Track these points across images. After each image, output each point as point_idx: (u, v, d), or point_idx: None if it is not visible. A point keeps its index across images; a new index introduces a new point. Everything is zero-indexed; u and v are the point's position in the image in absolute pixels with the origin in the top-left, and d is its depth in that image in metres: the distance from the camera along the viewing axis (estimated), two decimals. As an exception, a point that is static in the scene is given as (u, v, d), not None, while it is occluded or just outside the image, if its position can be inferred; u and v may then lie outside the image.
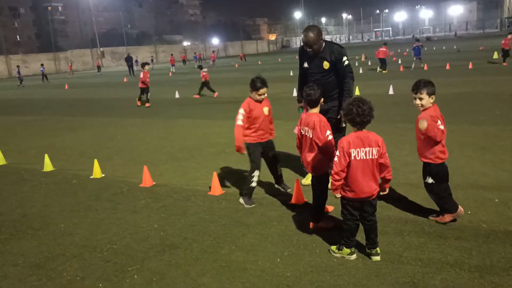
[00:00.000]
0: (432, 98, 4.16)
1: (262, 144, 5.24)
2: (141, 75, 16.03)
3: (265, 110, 5.21)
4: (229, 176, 6.49)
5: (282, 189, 5.61)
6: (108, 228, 4.87)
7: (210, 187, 5.88)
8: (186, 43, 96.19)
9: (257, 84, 5.08)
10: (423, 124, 4.08)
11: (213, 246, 4.21)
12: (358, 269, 3.59)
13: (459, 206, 4.25)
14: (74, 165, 7.93)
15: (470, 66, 20.30)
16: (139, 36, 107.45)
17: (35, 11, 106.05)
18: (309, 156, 4.32)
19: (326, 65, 5.26)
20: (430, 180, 4.27)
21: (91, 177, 6.98)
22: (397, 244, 3.94)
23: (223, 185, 5.96)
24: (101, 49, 73.54)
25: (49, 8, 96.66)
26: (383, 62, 22.60)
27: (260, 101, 5.16)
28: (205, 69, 18.06)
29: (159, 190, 6.09)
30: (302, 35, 5.21)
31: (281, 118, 11.08)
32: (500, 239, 3.91)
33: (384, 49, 22.88)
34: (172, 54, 49.89)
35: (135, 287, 3.58)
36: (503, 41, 21.15)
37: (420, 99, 4.15)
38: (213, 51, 59.12)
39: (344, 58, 5.21)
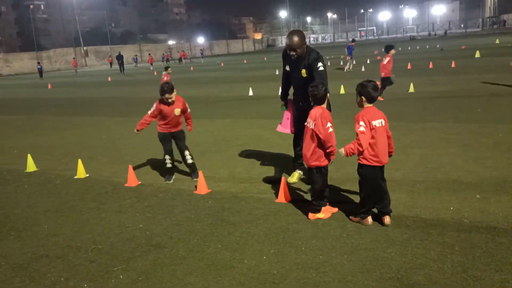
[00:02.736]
0: (362, 99, 4.28)
1: (172, 133, 6.30)
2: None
3: (176, 111, 6.15)
4: (214, 174, 6.48)
5: (192, 178, 6.36)
6: (92, 228, 4.82)
7: (195, 186, 5.86)
8: (171, 42, 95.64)
9: (159, 90, 6.07)
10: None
11: (199, 245, 4.20)
12: (343, 265, 3.62)
13: (369, 218, 4.32)
14: (57, 165, 7.83)
15: (453, 65, 20.60)
16: (123, 35, 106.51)
17: (16, 10, 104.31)
18: (308, 148, 4.50)
19: (303, 73, 5.35)
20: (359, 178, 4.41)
21: (75, 177, 6.90)
22: (381, 241, 3.99)
23: (208, 184, 5.95)
24: (85, 48, 72.72)
25: (31, 6, 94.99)
26: None
27: (169, 104, 6.11)
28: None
29: (145, 189, 6.06)
30: (286, 39, 5.22)
31: (268, 117, 11.12)
32: (482, 234, 3.98)
33: None
34: (149, 54, 53.87)
35: (121, 287, 3.56)
36: None
37: None
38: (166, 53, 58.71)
39: (319, 64, 5.19)
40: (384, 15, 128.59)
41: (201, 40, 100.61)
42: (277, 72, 24.70)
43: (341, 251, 3.86)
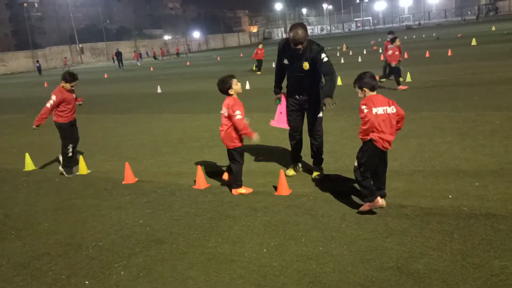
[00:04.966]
0: (365, 91, 4.34)
1: (71, 122, 6.86)
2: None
3: (75, 96, 6.81)
4: (213, 169, 6.48)
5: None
6: (92, 225, 4.83)
7: (195, 181, 5.87)
8: (167, 37, 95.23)
9: (68, 78, 6.60)
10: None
11: (200, 240, 4.21)
12: (343, 256, 3.64)
13: (378, 198, 4.23)
14: (55, 163, 7.81)
15: (449, 53, 20.56)
16: (118, 31, 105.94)
17: (10, 8, 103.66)
18: (225, 132, 5.21)
19: (306, 65, 5.22)
20: (355, 163, 4.38)
21: (77, 173, 6.92)
22: (380, 230, 4.00)
23: (206, 178, 5.95)
24: (80, 45, 72.42)
25: (25, 4, 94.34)
26: (260, 63, 22.21)
27: (72, 91, 6.69)
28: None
29: (144, 185, 6.06)
30: (291, 33, 5.05)
31: (265, 110, 11.09)
32: (481, 221, 3.99)
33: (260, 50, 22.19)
34: (135, 50, 56.39)
35: (122, 283, 3.57)
36: None
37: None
38: (134, 51, 59.26)
39: (323, 55, 5.11)
40: (379, 5, 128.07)
41: (196, 34, 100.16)
42: (273, 65, 24.61)
43: (340, 242, 3.87)
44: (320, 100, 5.40)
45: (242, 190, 5.33)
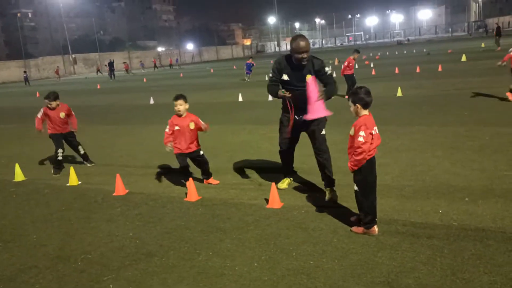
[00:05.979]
0: (357, 107, 4.16)
1: (63, 134, 7.69)
2: None
3: (61, 114, 7.62)
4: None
5: (87, 164, 8.11)
6: (82, 238, 4.78)
7: (186, 193, 5.84)
8: (160, 49, 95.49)
9: (46, 96, 7.58)
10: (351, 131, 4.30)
11: (190, 253, 4.18)
12: (334, 270, 3.63)
13: (375, 226, 4.19)
14: (46, 174, 7.75)
15: (440, 69, 20.83)
16: (112, 42, 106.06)
17: (3, 18, 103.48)
18: None
19: (309, 77, 5.19)
20: (355, 187, 4.29)
21: (68, 184, 6.87)
22: (371, 245, 4.01)
23: (198, 191, 5.93)
24: (73, 55, 72.33)
25: (19, 14, 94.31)
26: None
27: (53, 109, 7.59)
28: None
29: (134, 197, 6.02)
30: (294, 43, 5.07)
31: (257, 122, 11.14)
32: (471, 236, 4.02)
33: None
34: (105, 65, 56.40)
35: (111, 297, 3.53)
36: None
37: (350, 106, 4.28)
38: (124, 62, 61.31)
39: (326, 69, 5.30)
40: (371, 20, 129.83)
41: (190, 46, 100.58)
42: (266, 78, 24.75)
43: (332, 256, 3.87)
44: (321, 117, 5.32)
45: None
